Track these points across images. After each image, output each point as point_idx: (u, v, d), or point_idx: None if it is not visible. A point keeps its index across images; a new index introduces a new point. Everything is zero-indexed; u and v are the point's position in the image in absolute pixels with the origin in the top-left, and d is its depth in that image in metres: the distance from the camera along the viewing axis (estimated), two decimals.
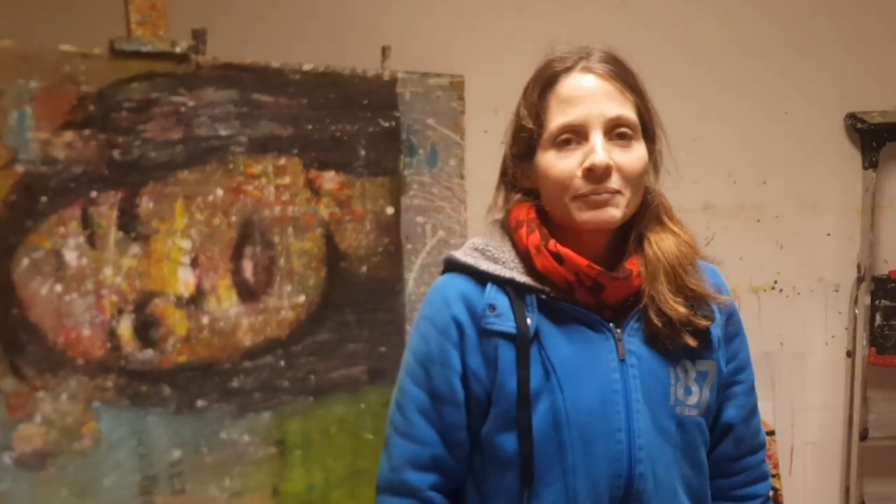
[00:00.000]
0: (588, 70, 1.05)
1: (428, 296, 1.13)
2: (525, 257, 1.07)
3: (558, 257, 1.03)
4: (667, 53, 2.38)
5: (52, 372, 1.40)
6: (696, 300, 1.06)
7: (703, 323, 1.05)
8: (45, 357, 1.39)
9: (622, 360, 1.04)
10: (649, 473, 1.03)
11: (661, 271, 1.04)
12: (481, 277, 1.08)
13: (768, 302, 2.50)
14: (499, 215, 1.16)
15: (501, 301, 1.05)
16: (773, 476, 2.37)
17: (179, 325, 1.51)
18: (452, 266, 1.12)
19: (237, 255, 1.57)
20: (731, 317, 1.14)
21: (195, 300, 1.52)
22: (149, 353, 1.48)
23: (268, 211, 1.61)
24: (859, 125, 2.41)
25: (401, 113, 1.84)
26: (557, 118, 1.04)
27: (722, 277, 1.17)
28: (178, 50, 1.51)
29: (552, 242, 1.04)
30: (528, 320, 1.03)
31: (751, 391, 1.18)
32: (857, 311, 2.47)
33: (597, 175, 1.01)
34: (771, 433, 2.38)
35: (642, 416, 1.03)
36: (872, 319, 2.44)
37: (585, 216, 1.02)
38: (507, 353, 1.04)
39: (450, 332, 1.07)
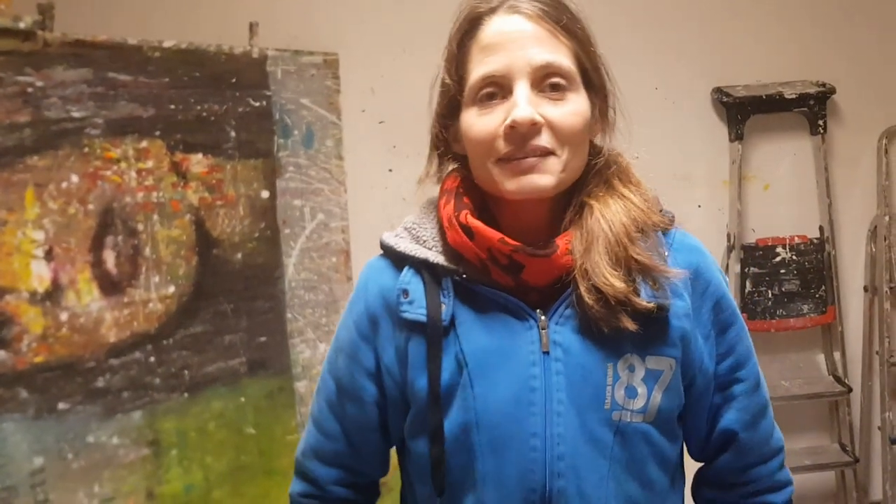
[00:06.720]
0: (514, 10, 0.89)
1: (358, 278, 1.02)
2: (443, 233, 0.93)
3: (468, 230, 0.88)
4: None
5: None
6: (645, 276, 0.88)
7: (646, 305, 0.86)
8: None
9: (545, 353, 0.88)
10: (573, 490, 0.87)
11: (599, 240, 0.87)
12: (401, 260, 0.95)
13: None
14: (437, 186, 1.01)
15: (416, 286, 0.92)
16: None
17: (35, 323, 1.41)
18: (381, 247, 0.98)
19: (97, 246, 1.48)
20: (720, 303, 0.97)
21: (51, 295, 1.42)
22: (1, 354, 1.37)
23: (129, 197, 1.52)
24: (725, 99, 2.50)
25: (272, 92, 1.78)
26: (478, 69, 0.89)
27: (705, 255, 0.99)
28: (21, 25, 1.40)
29: (464, 214, 0.89)
30: (442, 306, 0.89)
31: (754, 390, 0.98)
32: (727, 279, 2.56)
33: (520, 134, 0.85)
34: None
35: (566, 419, 0.87)
36: (743, 286, 2.56)
37: (510, 185, 0.87)
38: (417, 346, 0.91)
39: (361, 324, 0.96)
